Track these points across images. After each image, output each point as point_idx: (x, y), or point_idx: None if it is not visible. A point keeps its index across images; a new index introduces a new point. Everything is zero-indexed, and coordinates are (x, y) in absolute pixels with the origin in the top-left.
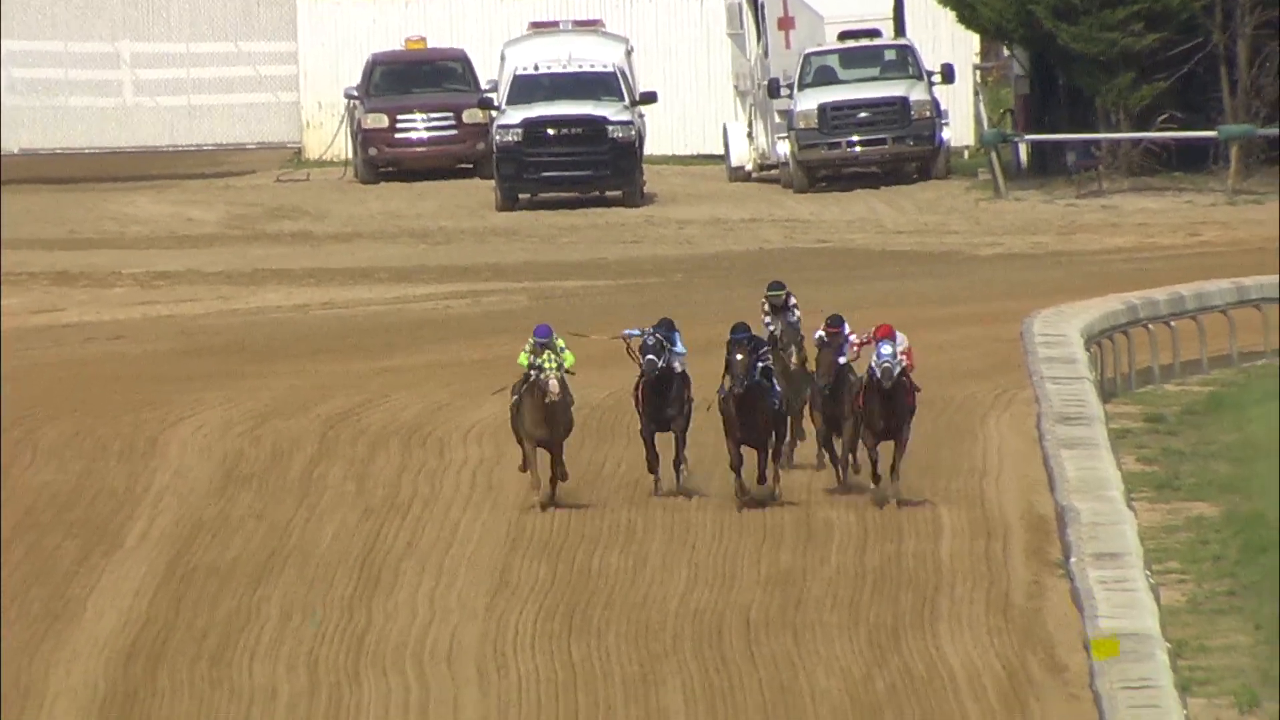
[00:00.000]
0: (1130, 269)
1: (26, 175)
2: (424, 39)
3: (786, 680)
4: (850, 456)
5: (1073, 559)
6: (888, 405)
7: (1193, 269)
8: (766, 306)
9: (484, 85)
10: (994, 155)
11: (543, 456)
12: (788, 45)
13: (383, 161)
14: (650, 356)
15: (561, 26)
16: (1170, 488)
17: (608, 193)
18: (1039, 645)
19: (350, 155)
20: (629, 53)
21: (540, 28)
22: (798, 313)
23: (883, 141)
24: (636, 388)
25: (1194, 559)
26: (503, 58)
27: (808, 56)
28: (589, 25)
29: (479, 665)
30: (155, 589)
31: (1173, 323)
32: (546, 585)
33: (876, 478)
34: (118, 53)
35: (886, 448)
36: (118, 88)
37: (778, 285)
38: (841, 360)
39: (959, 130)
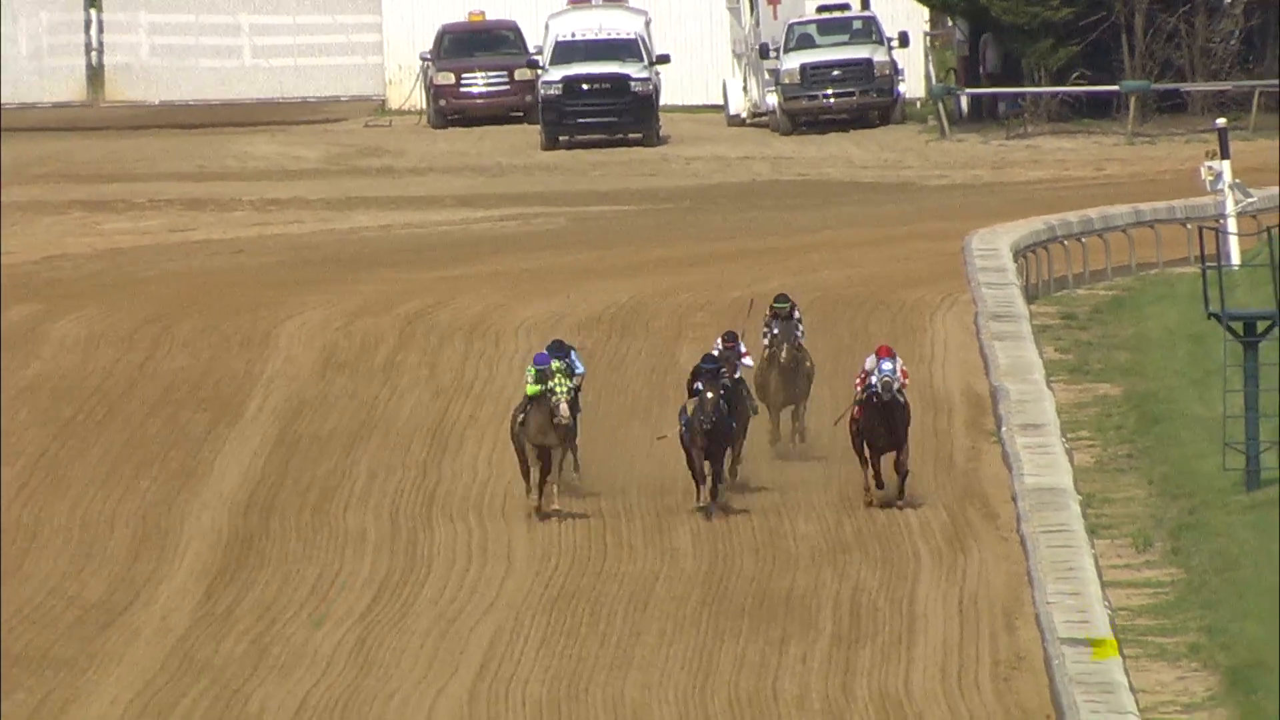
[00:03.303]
0: (1049, 196)
1: (165, 122)
2: (483, 12)
3: (774, 526)
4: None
5: (1003, 428)
6: (886, 420)
7: (1099, 196)
8: (766, 317)
9: (531, 50)
10: (940, 105)
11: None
12: (775, 17)
13: (450, 111)
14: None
15: (594, 2)
16: (1081, 371)
17: (630, 135)
18: (976, 498)
19: (424, 106)
20: (648, 23)
21: (577, 3)
22: (801, 326)
23: (851, 94)
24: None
25: (1100, 428)
26: (546, 27)
27: (791, 26)
28: (616, 1)
29: (527, 513)
30: (268, 453)
31: (1083, 239)
32: (580, 450)
33: (879, 484)
34: (239, 24)
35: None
36: (238, 52)
37: (783, 298)
38: (738, 375)
39: (912, 85)
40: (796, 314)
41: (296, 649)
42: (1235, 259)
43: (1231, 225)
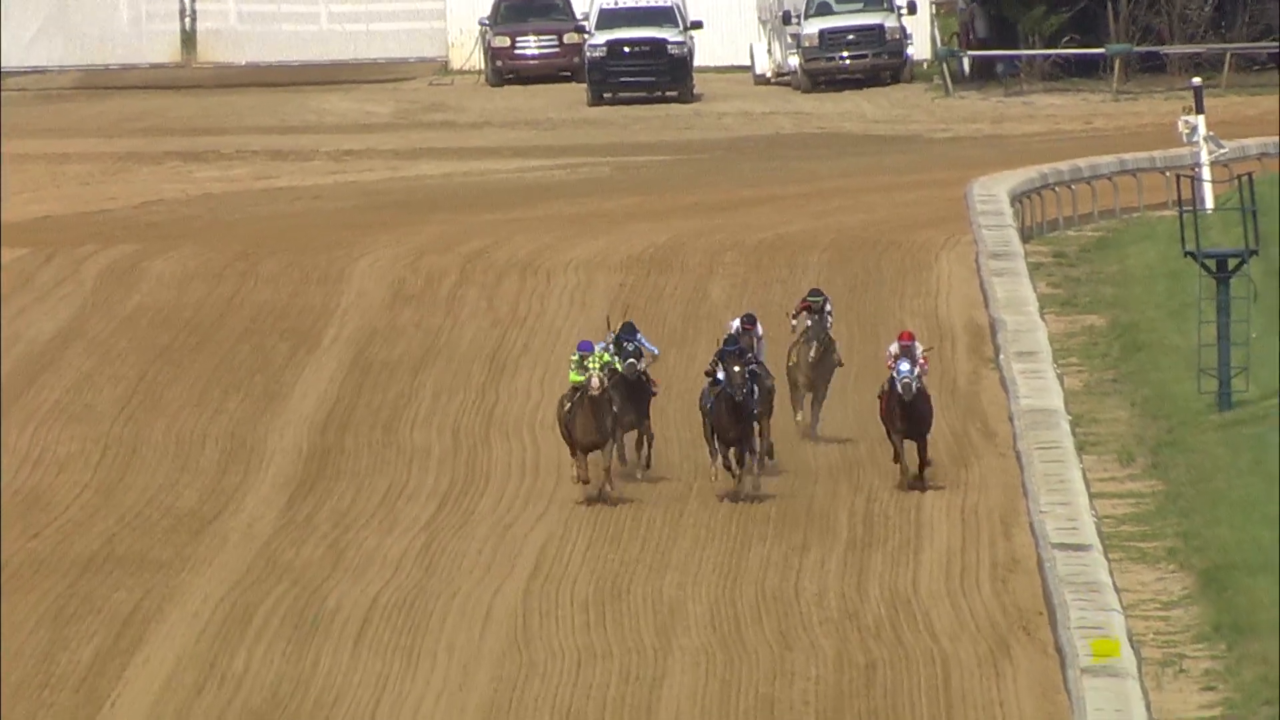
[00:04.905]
0: (1043, 148)
1: (251, 81)
2: None
3: (796, 445)
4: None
5: (1001, 356)
6: (907, 411)
7: (1087, 148)
8: (799, 307)
9: (579, 16)
10: (945, 66)
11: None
12: None
13: (506, 71)
14: (630, 360)
15: None
16: (1071, 304)
17: (667, 93)
18: (977, 418)
19: (482, 66)
20: None
21: None
22: (831, 318)
23: (865, 56)
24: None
25: (1088, 356)
26: None
27: None
28: None
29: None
30: (343, 377)
31: (1073, 186)
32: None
33: (903, 466)
34: None
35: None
36: (316, 18)
37: (817, 292)
38: (761, 357)
39: (920, 47)
40: (829, 308)
41: (369, 553)
42: (1209, 204)
43: (1206, 173)
